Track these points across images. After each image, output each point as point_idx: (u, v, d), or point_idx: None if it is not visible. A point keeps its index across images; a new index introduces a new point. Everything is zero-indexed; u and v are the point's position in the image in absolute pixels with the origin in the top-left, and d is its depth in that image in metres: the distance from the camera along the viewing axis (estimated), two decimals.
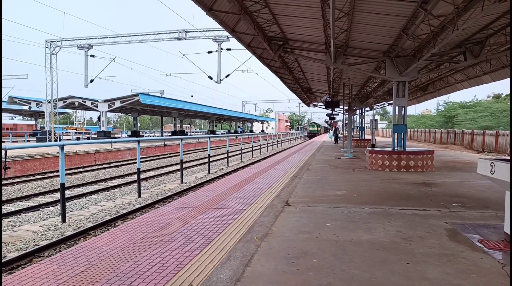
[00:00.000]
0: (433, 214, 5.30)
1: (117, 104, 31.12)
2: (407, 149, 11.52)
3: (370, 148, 12.16)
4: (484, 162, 4.26)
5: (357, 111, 31.71)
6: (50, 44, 28.29)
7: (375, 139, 24.43)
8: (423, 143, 36.66)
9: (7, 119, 64.74)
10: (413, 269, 3.24)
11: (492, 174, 4.02)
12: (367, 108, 31.95)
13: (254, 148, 24.97)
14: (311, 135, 69.80)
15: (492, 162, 4.05)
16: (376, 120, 23.83)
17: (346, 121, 21.65)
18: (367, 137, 29.73)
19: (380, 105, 32.78)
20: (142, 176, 14.13)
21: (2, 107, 40.61)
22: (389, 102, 28.68)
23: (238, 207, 5.80)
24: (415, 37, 9.73)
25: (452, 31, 8.04)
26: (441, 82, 20.22)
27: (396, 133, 11.79)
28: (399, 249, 3.78)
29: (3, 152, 14.44)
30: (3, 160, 14.89)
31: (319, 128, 79.51)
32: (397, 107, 11.65)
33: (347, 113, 21.65)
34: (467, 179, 9.02)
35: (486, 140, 23.86)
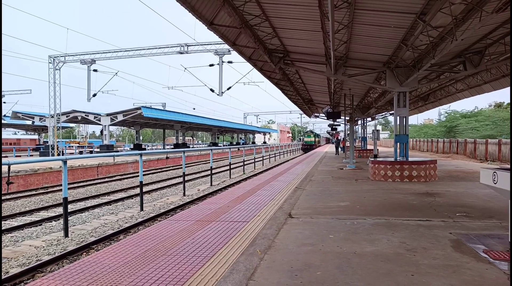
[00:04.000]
0: (437, 225, 5.26)
1: (120, 117, 31.31)
2: (410, 159, 11.49)
3: (372, 159, 12.14)
4: (486, 171, 4.25)
5: (359, 122, 31.74)
6: (54, 59, 28.65)
7: (377, 149, 24.38)
8: (425, 152, 36.56)
9: (10, 134, 65.14)
10: (418, 281, 3.21)
11: (495, 183, 4.00)
12: (369, 118, 31.97)
13: (256, 160, 24.96)
14: (307, 147, 53.26)
15: (494, 172, 4.04)
16: (378, 130, 23.80)
17: (348, 132, 21.67)
18: (369, 147, 29.69)
19: (382, 115, 32.83)
20: (145, 189, 14.11)
21: (6, 122, 40.92)
22: (390, 112, 28.71)
23: (241, 220, 5.78)
24: (415, 48, 9.81)
25: (451, 41, 8.12)
26: (442, 91, 20.28)
27: (398, 143, 11.78)
28: (404, 260, 3.75)
29: (6, 167, 14.47)
30: (3, 175, 14.92)
31: (317, 139, 63.56)
32: (398, 117, 11.67)
33: (348, 123, 21.69)
34: (470, 189, 8.97)
35: (489, 149, 23.79)
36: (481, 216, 5.82)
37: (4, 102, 42.18)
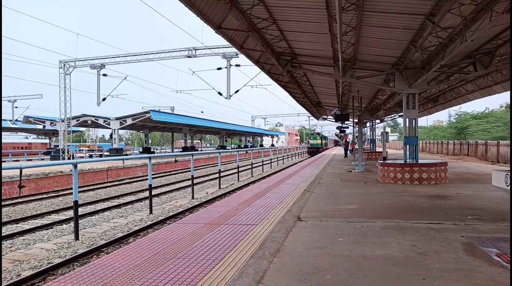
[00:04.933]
0: (448, 228, 5.20)
1: (129, 121, 31.57)
2: (420, 161, 11.37)
3: (381, 161, 12.04)
4: (498, 173, 4.20)
5: (367, 124, 31.55)
6: (64, 64, 29.05)
7: (387, 152, 24.18)
8: (435, 154, 36.15)
9: (21, 138, 66.13)
10: (430, 284, 3.17)
11: (508, 185, 3.95)
12: (377, 120, 31.75)
13: (264, 162, 24.94)
14: (313, 150, 49.66)
15: (507, 174, 3.98)
16: (387, 133, 23.59)
17: (357, 134, 21.54)
18: (378, 149, 29.48)
19: (391, 117, 32.57)
20: (154, 192, 14.19)
21: (18, 126, 41.54)
22: (399, 114, 28.47)
23: (249, 223, 5.78)
24: (424, 49, 9.73)
25: (460, 42, 8.03)
26: (452, 93, 20.06)
27: (407, 145, 11.68)
28: (414, 264, 3.71)
29: (18, 170, 14.70)
30: (15, 179, 15.15)
31: (324, 141, 58.83)
32: (407, 119, 11.57)
33: (357, 126, 21.56)
34: (482, 191, 8.84)
35: (501, 151, 23.42)
36: (493, 219, 5.73)
37: (16, 107, 42.94)
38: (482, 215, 6.03)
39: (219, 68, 26.56)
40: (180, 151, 46.64)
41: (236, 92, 27.90)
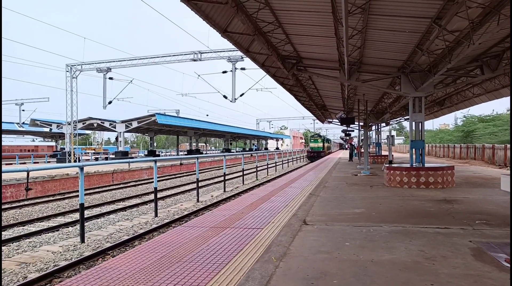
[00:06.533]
0: (456, 232, 5.14)
1: (134, 124, 31.74)
2: (426, 165, 11.29)
3: (387, 165, 11.97)
4: (507, 178, 4.15)
5: (373, 127, 31.41)
6: (71, 68, 29.32)
7: (392, 155, 24.04)
8: (442, 158, 35.89)
9: (28, 140, 66.72)
10: None
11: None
12: (383, 124, 31.61)
13: (269, 166, 24.91)
14: (313, 155, 44.28)
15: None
16: (392, 136, 23.46)
17: (362, 137, 21.47)
18: (383, 153, 29.33)
19: (396, 120, 32.42)
20: (159, 195, 14.22)
21: (25, 129, 41.92)
22: (405, 118, 28.32)
23: (255, 227, 5.76)
24: (430, 52, 9.69)
25: (467, 45, 7.98)
26: (458, 96, 19.92)
27: (413, 149, 11.60)
28: (422, 269, 3.66)
29: (25, 173, 14.81)
30: (23, 181, 15.26)
31: (327, 144, 52.88)
32: (414, 123, 11.50)
33: (362, 129, 21.49)
34: (490, 196, 8.73)
35: (508, 155, 23.18)
36: (502, 223, 5.66)
37: (23, 110, 43.35)
38: (490, 220, 5.95)
39: (224, 72, 26.68)
40: (185, 154, 46.75)
41: (241, 95, 28.00)
